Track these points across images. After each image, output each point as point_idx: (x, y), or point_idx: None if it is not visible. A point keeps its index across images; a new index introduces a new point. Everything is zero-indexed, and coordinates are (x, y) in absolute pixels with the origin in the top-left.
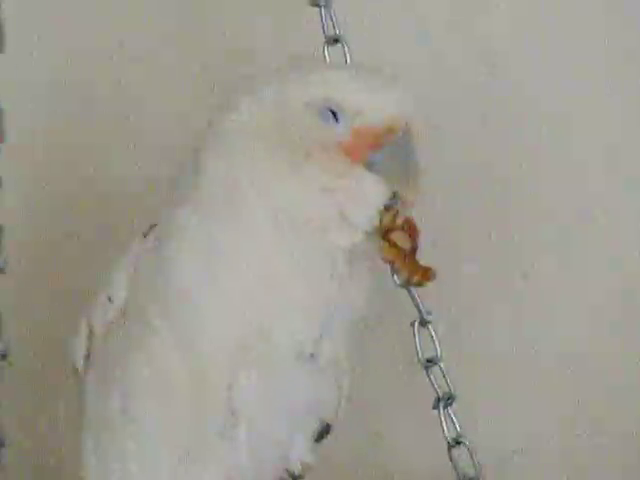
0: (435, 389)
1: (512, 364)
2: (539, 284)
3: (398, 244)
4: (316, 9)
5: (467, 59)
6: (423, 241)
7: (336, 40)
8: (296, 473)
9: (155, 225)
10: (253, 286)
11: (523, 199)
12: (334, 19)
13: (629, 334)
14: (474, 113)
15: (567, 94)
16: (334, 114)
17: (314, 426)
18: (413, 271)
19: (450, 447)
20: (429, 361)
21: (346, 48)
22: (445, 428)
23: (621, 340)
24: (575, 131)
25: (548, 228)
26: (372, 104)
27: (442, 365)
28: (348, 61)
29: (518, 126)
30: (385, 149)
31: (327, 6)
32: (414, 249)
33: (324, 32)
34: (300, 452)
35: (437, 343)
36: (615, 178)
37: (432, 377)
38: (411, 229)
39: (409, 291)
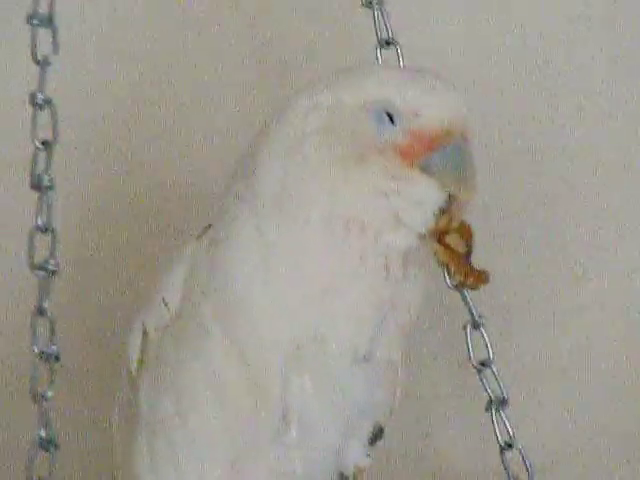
0: (488, 392)
1: (566, 368)
2: (593, 285)
3: (453, 247)
4: (367, 11)
5: (517, 59)
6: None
7: (389, 42)
8: (348, 476)
9: (210, 226)
10: (307, 289)
11: (576, 198)
12: (387, 21)
13: None
14: (522, 110)
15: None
16: (390, 116)
17: (368, 430)
18: (467, 274)
19: (502, 450)
20: (482, 364)
21: (399, 50)
22: (497, 431)
23: None
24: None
25: (603, 227)
26: (428, 106)
27: (494, 368)
28: (401, 64)
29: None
30: (441, 152)
31: (379, 7)
32: (469, 252)
33: (377, 34)
34: (355, 456)
35: (489, 346)
36: None
37: (484, 380)
38: (466, 232)
39: (462, 294)
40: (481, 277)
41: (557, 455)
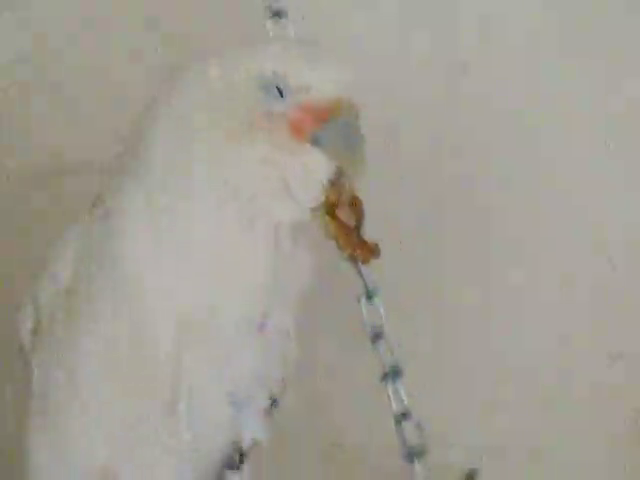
0: (383, 363)
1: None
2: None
3: (343, 220)
4: None
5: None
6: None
7: (279, 14)
8: (244, 449)
9: (100, 199)
10: (197, 261)
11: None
12: None
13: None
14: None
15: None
16: (279, 90)
17: (263, 401)
18: (357, 247)
19: (397, 421)
20: (376, 335)
21: (290, 23)
22: (393, 402)
23: (590, 339)
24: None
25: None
26: (317, 80)
27: (389, 339)
28: (291, 36)
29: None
30: (330, 125)
31: None
32: (359, 226)
33: (268, 5)
34: (251, 428)
35: (383, 317)
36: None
37: (380, 351)
38: (356, 206)
39: (354, 266)
40: (372, 250)
41: (454, 426)
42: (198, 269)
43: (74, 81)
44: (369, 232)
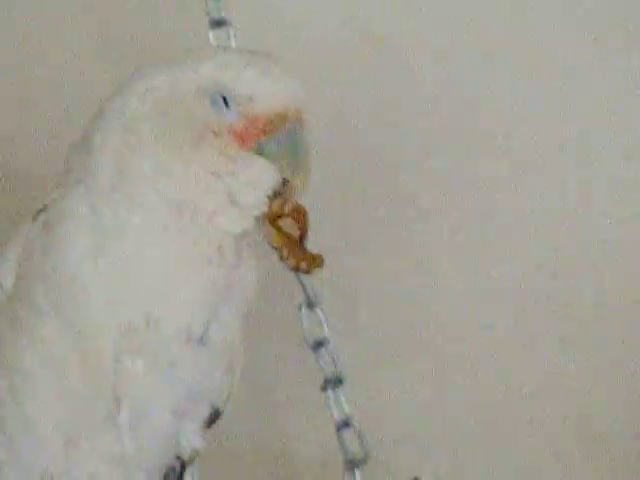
0: (324, 371)
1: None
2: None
3: (286, 231)
4: None
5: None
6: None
7: (220, 23)
8: (185, 459)
9: (45, 207)
10: (139, 272)
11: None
12: (219, 1)
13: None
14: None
15: None
16: (225, 99)
17: (204, 412)
18: (300, 258)
19: (338, 429)
20: (318, 343)
21: (231, 31)
22: (334, 410)
23: (540, 322)
24: None
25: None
26: (263, 90)
27: (330, 347)
28: (233, 45)
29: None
30: (275, 135)
31: None
32: (302, 236)
33: (209, 15)
34: (190, 438)
35: (325, 325)
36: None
37: (321, 360)
38: (300, 216)
39: (296, 275)
40: (315, 261)
41: (399, 434)
42: (139, 280)
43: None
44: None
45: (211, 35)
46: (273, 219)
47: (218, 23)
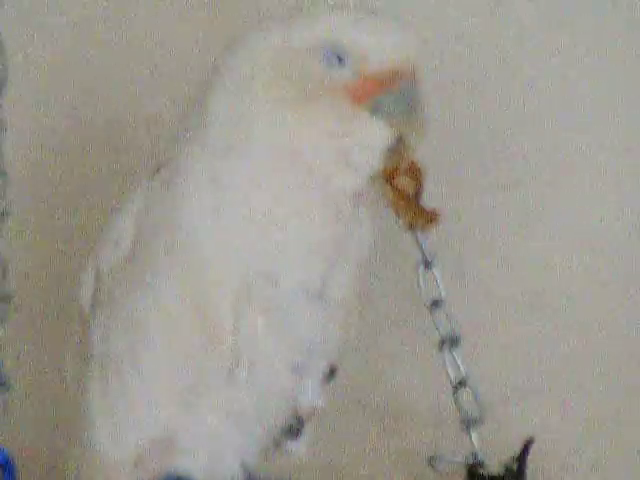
0: (439, 331)
1: (516, 305)
2: (546, 225)
3: (402, 188)
4: None
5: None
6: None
7: None
8: (304, 417)
9: (162, 166)
10: (256, 227)
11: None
12: None
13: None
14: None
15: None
16: (339, 58)
17: (322, 369)
18: (416, 215)
19: (454, 389)
20: (434, 303)
21: None
22: (450, 370)
23: (624, 282)
24: None
25: (560, 171)
26: (378, 48)
27: (446, 307)
28: (351, 3)
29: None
30: (390, 93)
31: None
32: (418, 194)
33: None
34: (310, 397)
35: (441, 286)
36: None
37: (437, 319)
38: (416, 173)
39: (413, 234)
40: (431, 218)
41: (510, 393)
42: (257, 236)
43: None
44: None
45: None
46: (388, 176)
47: None
